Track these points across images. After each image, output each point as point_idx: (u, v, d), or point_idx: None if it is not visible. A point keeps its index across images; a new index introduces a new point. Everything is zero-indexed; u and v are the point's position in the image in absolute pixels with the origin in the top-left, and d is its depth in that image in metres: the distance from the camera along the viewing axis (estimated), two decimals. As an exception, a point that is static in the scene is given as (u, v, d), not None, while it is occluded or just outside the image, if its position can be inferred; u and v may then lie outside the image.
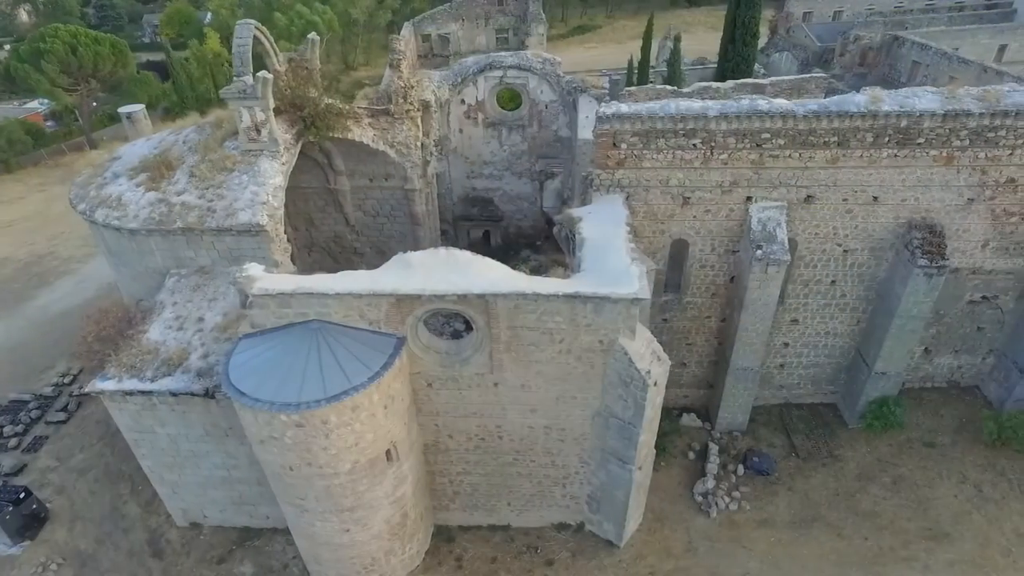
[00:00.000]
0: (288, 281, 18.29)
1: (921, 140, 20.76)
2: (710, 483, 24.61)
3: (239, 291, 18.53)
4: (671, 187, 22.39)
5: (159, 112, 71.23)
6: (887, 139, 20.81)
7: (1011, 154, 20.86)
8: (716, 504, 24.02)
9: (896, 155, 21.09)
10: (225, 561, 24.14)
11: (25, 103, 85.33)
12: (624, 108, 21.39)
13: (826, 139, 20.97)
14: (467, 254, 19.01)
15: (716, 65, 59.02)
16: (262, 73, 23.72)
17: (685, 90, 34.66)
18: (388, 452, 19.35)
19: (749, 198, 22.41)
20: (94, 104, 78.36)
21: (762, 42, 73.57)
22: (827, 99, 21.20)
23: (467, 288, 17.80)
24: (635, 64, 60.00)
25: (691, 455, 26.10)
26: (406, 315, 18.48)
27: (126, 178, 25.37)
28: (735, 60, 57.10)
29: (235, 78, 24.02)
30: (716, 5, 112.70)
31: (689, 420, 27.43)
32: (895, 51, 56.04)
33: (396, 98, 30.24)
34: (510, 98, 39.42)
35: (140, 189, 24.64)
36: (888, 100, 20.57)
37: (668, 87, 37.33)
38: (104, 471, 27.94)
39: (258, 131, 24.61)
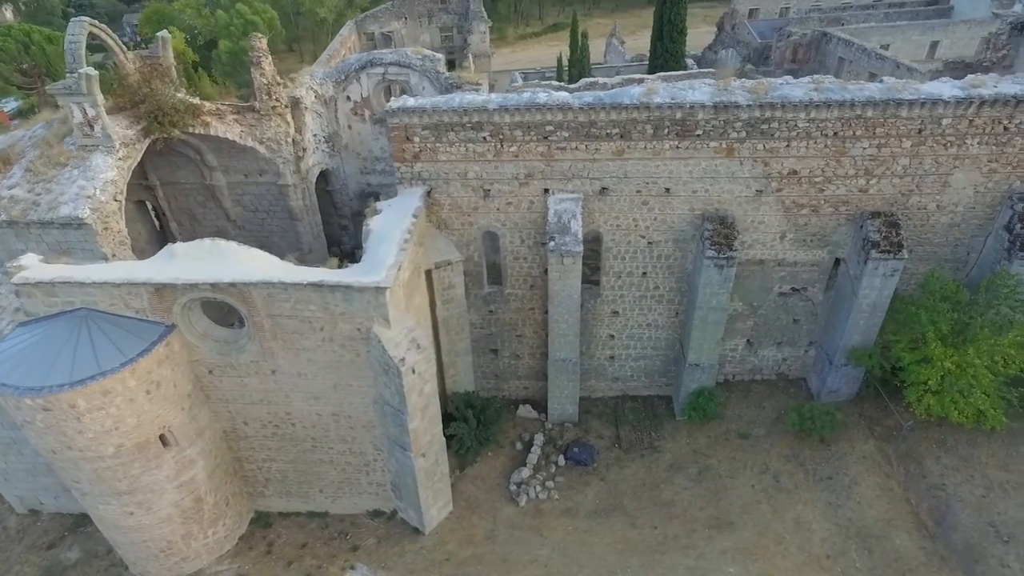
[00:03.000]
0: (51, 271, 18.88)
1: (699, 132, 21.04)
2: (525, 473, 24.97)
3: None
4: (470, 179, 22.79)
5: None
6: (666, 131, 21.11)
7: (788, 146, 21.07)
8: (527, 493, 24.36)
9: (678, 146, 21.38)
10: (54, 547, 24.78)
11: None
12: (411, 102, 21.84)
13: (608, 131, 21.30)
14: (232, 244, 19.59)
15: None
16: (85, 69, 24.31)
17: (572, 86, 35.00)
18: (163, 437, 19.88)
19: (547, 190, 22.76)
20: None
21: (711, 39, 74.22)
22: (604, 91, 21.49)
23: (218, 277, 18.31)
24: (564, 61, 60.50)
25: (519, 446, 26.46)
26: (170, 303, 19.00)
27: (-35, 173, 26.02)
28: (663, 56, 57.49)
29: (67, 74, 24.71)
30: (693, 3, 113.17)
31: (525, 411, 27.79)
32: (823, 47, 56.16)
33: (260, 95, 30.70)
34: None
35: (-25, 183, 25.28)
36: (662, 92, 20.85)
37: (555, 82, 37.81)
38: (-38, 459, 28.64)
39: (91, 126, 25.16)
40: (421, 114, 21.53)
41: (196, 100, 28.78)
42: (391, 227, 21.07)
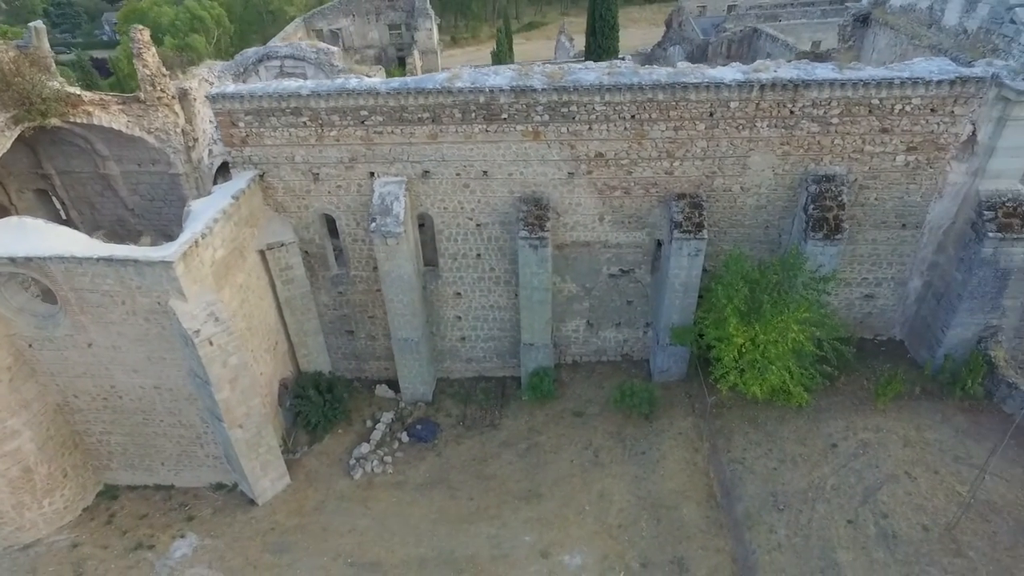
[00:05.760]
0: None
1: (505, 116, 21.75)
2: (365, 448, 25.75)
3: None
4: (298, 164, 23.58)
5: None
6: (474, 115, 21.84)
7: (590, 129, 21.76)
8: (363, 467, 25.13)
9: (487, 130, 22.10)
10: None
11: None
12: (230, 88, 22.68)
13: (420, 115, 22.04)
14: (39, 222, 20.48)
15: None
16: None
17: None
18: (-22, 407, 20.77)
19: (372, 174, 23.52)
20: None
21: (660, 36, 74.96)
22: (410, 77, 22.25)
23: (15, 252, 19.18)
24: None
25: (369, 423, 27.23)
26: (-22, 278, 19.89)
27: None
28: (597, 52, 58.37)
29: (-72, 64, 25.62)
30: (669, 2, 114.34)
31: (382, 391, 28.53)
32: (754, 43, 56.77)
33: (144, 85, 31.52)
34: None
35: None
36: (465, 77, 21.59)
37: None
38: None
39: (-49, 114, 26.02)
40: (241, 100, 22.31)
41: (75, 90, 29.59)
42: (209, 208, 21.92)
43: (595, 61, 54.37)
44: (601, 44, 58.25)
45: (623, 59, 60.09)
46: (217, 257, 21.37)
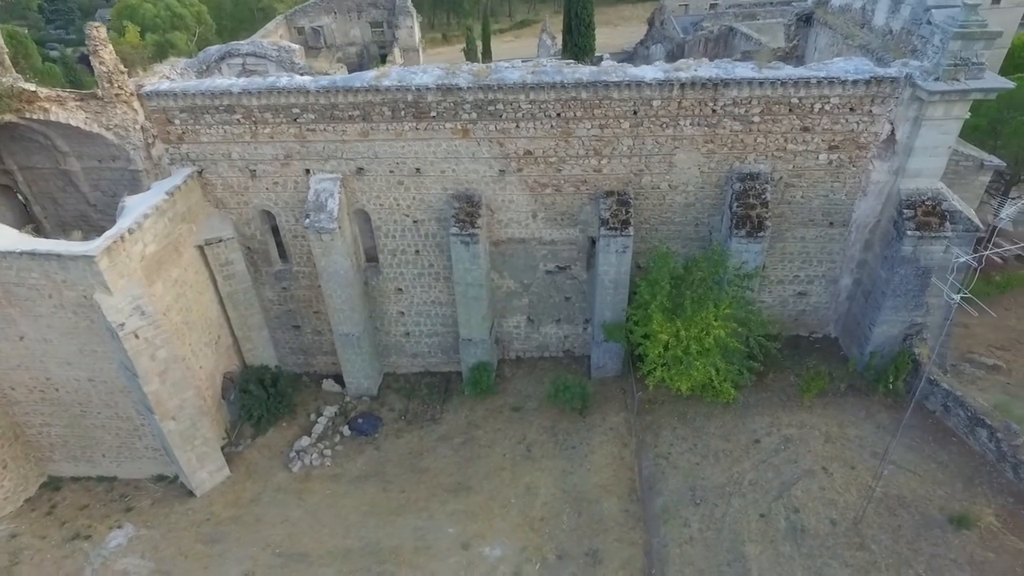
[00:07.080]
0: None
1: (434, 114, 21.98)
2: (305, 441, 26.07)
3: None
4: (235, 160, 23.85)
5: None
6: (403, 112, 22.08)
7: (517, 127, 21.98)
8: (302, 460, 25.44)
9: (417, 128, 22.34)
10: None
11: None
12: (164, 86, 22.97)
13: (350, 113, 22.29)
14: (-30, 216, 20.73)
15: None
16: None
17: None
18: (-90, 398, 21.12)
19: (308, 171, 23.78)
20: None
21: (642, 34, 75.39)
22: (339, 76, 22.49)
23: (-59, 245, 19.51)
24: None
25: (313, 417, 27.52)
26: (-91, 271, 20.20)
27: None
28: (573, 51, 58.53)
29: None
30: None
31: (329, 385, 28.83)
32: (731, 41, 56.82)
33: (101, 82, 31.77)
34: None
35: None
36: (392, 75, 21.83)
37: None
38: None
39: (-102, 109, 26.36)
40: (175, 97, 22.63)
41: (30, 86, 29.85)
42: (142, 203, 22.22)
43: (574, 60, 54.47)
44: (577, 43, 58.31)
45: (601, 57, 60.28)
46: (147, 252, 21.66)
